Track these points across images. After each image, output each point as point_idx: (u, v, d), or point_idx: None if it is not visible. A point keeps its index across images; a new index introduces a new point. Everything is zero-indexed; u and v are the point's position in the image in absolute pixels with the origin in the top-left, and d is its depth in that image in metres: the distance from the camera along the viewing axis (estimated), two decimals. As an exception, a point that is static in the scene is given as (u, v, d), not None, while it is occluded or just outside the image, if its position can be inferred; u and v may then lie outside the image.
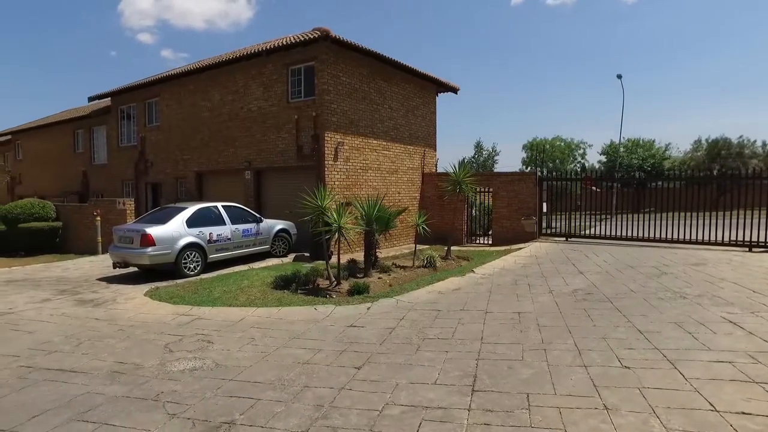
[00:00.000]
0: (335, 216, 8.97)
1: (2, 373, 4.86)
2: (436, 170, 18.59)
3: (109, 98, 19.84)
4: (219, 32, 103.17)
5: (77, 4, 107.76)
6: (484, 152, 40.65)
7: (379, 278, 9.81)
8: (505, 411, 3.70)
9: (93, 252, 14.80)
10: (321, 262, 11.87)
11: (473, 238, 16.92)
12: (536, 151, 38.27)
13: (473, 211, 17.30)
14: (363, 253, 10.64)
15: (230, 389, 4.30)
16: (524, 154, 42.81)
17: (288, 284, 8.94)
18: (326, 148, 13.15)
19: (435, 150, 18.55)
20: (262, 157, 14.54)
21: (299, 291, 8.64)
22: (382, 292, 8.36)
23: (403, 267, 11.01)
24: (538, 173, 16.24)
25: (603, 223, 15.70)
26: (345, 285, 8.77)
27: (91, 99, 19.78)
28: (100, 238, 14.72)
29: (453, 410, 3.75)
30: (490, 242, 16.04)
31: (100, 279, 10.27)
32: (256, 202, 14.69)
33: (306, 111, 13.50)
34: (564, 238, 15.14)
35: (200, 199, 16.00)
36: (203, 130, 16.20)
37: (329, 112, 13.27)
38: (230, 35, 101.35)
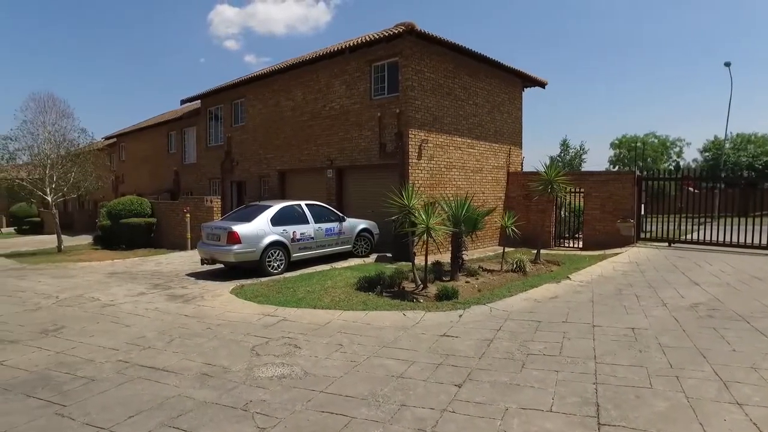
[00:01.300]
0: (423, 216, 8.52)
1: (105, 367, 4.91)
2: (522, 169, 17.65)
3: (199, 101, 20.74)
4: (299, 36, 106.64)
5: (173, 18, 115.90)
6: (570, 150, 38.19)
7: (466, 282, 9.27)
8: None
9: (182, 247, 15.43)
10: (404, 263, 11.52)
11: (560, 241, 15.82)
12: (627, 150, 35.45)
13: (561, 213, 16.18)
14: (449, 255, 10.14)
15: (321, 402, 3.97)
16: (611, 153, 39.96)
17: (372, 286, 8.63)
18: (410, 146, 12.76)
19: (521, 148, 17.61)
20: (344, 156, 14.42)
21: (384, 294, 8.30)
22: (473, 298, 7.80)
23: (491, 271, 10.38)
24: (637, 172, 14.84)
25: (706, 227, 14.06)
26: (432, 289, 8.31)
27: (183, 102, 20.82)
28: (189, 234, 15.31)
29: (580, 448, 3.16)
30: (580, 246, 14.90)
31: (189, 274, 10.54)
32: (338, 201, 14.61)
33: (389, 108, 13.19)
34: (666, 244, 13.71)
35: (283, 198, 16.23)
36: (286, 129, 16.41)
37: (413, 109, 12.87)
38: (310, 38, 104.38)
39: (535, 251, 11.61)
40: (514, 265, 10.49)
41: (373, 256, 12.34)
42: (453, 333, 5.91)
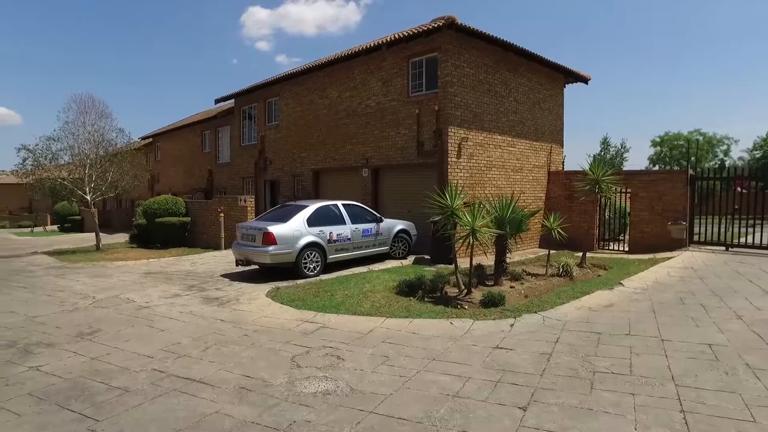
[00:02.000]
0: (468, 217, 8.07)
1: (139, 377, 4.66)
2: (563, 168, 16.95)
3: (233, 100, 20.74)
4: (329, 36, 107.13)
5: (208, 21, 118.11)
6: (611, 149, 36.43)
7: (511, 287, 8.78)
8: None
9: (216, 247, 15.36)
10: (443, 265, 11.12)
11: (603, 243, 15.06)
12: (669, 148, 33.76)
13: (605, 214, 15.41)
14: (487, 257, 9.66)
15: (372, 425, 3.60)
16: (651, 151, 38.14)
17: (413, 290, 8.24)
18: (449, 144, 12.30)
19: (562, 146, 16.91)
20: (380, 155, 14.06)
21: (426, 299, 7.90)
22: (521, 305, 7.31)
23: (534, 275, 9.85)
24: (690, 171, 13.98)
25: (762, 229, 13.09)
26: (476, 294, 7.87)
27: (217, 101, 20.85)
28: (222, 234, 15.23)
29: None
30: (626, 249, 14.14)
31: (224, 275, 10.36)
32: (373, 201, 14.26)
33: (427, 105, 12.76)
34: (723, 248, 12.82)
35: (316, 197, 16.00)
36: (320, 128, 16.17)
37: (453, 106, 12.40)
38: (339, 38, 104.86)
39: (579, 254, 11.00)
40: (560, 269, 9.93)
41: (411, 258, 11.95)
42: (507, 345, 5.45)
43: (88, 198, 16.69)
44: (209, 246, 16.04)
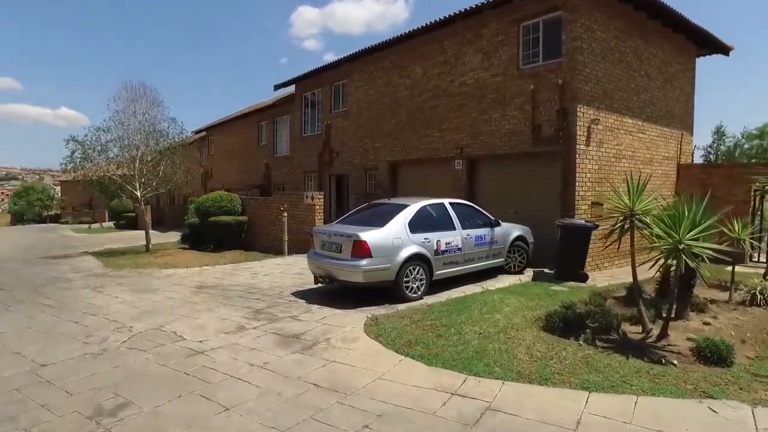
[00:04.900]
0: (669, 227, 5.35)
1: None
2: (693, 160, 13.76)
3: (293, 86, 18.62)
4: (377, 34, 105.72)
5: (259, 22, 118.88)
6: (725, 139, 30.29)
7: (705, 324, 6.09)
8: None
9: (278, 251, 13.17)
10: (573, 283, 8.50)
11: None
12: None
13: (757, 220, 12.10)
14: (616, 267, 6.86)
15: None
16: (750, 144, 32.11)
17: (570, 326, 5.69)
18: (578, 128, 9.52)
19: (692, 134, 13.68)
20: (479, 142, 11.40)
21: (597, 341, 5.35)
22: (762, 365, 4.57)
23: (714, 301, 7.10)
24: None
25: None
26: (677, 338, 5.25)
27: (276, 87, 18.77)
28: (285, 237, 13.02)
29: None
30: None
31: (295, 294, 8.02)
32: (468, 199, 11.59)
33: (546, 79, 10.03)
34: None
35: (394, 195, 13.50)
36: (400, 113, 13.66)
37: (582, 79, 9.62)
38: (387, 36, 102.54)
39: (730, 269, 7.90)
40: (753, 295, 7.09)
41: (528, 273, 9.25)
42: None
43: (138, 194, 14.94)
44: (268, 250, 13.89)
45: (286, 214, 12.96)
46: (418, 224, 7.47)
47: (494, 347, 5.18)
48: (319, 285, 7.96)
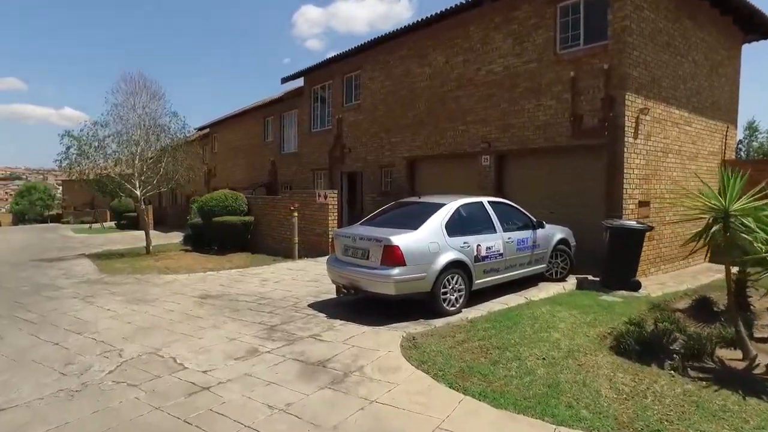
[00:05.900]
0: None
1: None
2: (736, 156, 12.71)
3: (302, 79, 17.62)
4: (379, 33, 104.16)
5: (261, 21, 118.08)
6: (759, 135, 28.23)
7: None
8: None
9: (288, 254, 12.18)
10: (624, 292, 7.57)
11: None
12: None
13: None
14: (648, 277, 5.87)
15: None
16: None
17: (646, 348, 4.80)
18: (626, 118, 8.51)
19: (736, 128, 12.64)
20: (509, 135, 10.38)
21: (689, 370, 4.39)
22: None
23: None
24: None
25: None
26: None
27: (284, 80, 17.78)
28: (296, 239, 12.03)
29: None
30: None
31: (313, 306, 7.01)
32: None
33: (588, 64, 9.02)
34: None
35: (412, 193, 12.48)
36: (418, 105, 12.64)
37: (630, 63, 8.60)
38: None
39: None
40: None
41: (571, 280, 8.24)
42: None
43: (138, 193, 13.98)
44: (276, 252, 12.94)
45: (296, 215, 11.97)
46: (455, 226, 6.45)
47: (568, 378, 4.18)
48: (342, 295, 6.95)
